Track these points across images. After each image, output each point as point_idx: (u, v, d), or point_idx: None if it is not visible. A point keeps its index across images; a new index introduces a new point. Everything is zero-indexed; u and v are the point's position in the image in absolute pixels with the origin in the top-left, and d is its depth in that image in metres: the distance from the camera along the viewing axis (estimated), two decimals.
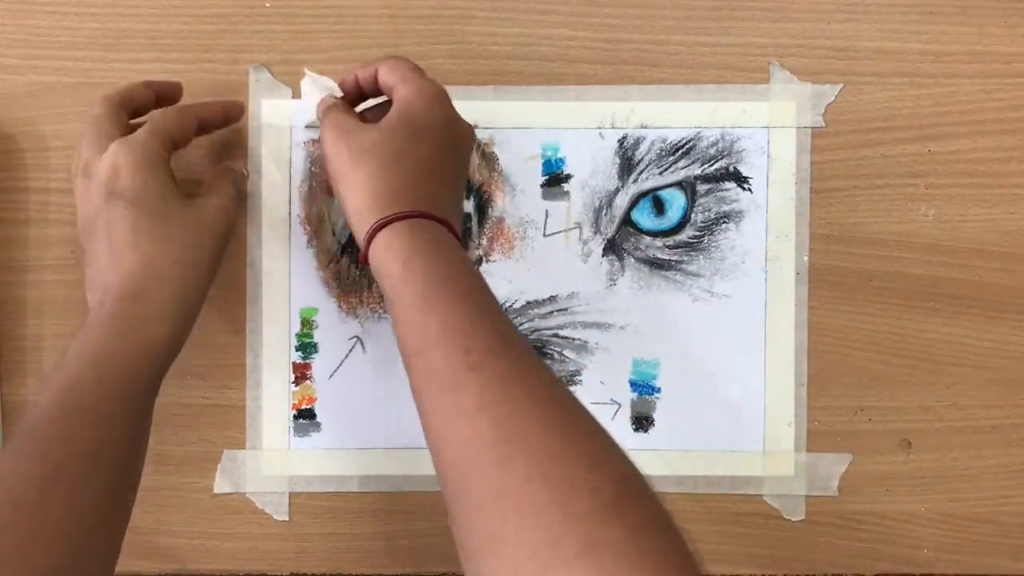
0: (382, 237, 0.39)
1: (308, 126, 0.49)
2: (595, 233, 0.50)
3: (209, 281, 0.44)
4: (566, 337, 0.50)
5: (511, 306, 0.50)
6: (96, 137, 0.43)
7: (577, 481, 0.31)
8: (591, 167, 0.50)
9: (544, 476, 0.31)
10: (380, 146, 0.41)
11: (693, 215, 0.50)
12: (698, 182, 0.50)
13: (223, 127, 0.48)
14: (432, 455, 0.36)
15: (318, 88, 0.47)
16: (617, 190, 0.50)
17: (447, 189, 0.43)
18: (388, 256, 0.39)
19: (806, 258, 0.50)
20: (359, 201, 0.41)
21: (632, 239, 0.50)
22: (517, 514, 0.31)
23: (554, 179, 0.50)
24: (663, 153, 0.50)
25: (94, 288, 0.42)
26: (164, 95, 0.47)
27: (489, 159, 0.50)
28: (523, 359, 0.36)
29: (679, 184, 0.50)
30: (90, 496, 0.37)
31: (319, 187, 0.50)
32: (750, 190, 0.49)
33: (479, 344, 0.36)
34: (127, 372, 0.40)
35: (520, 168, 0.50)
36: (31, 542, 0.35)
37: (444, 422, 0.35)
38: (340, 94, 0.46)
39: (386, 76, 0.44)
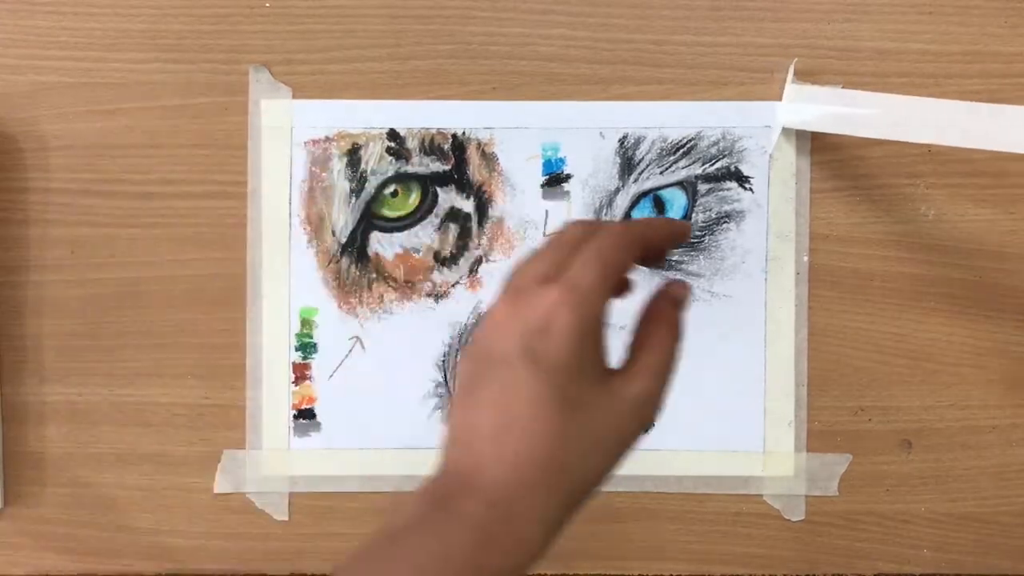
0: None
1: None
2: None
3: (588, 499, 0.32)
4: None
5: None
6: (604, 259, 0.32)
7: None
8: (591, 167, 0.50)
9: None
10: None
11: (694, 215, 0.50)
12: (699, 182, 0.50)
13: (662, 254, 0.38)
14: None
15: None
16: (618, 190, 0.50)
17: None
18: None
19: (806, 258, 0.50)
20: None
21: None
22: None
23: (554, 179, 0.50)
24: (664, 153, 0.50)
25: (461, 443, 0.32)
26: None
27: (489, 159, 0.50)
28: None
29: (680, 184, 0.50)
30: None
31: (319, 187, 0.50)
32: (751, 190, 0.49)
33: None
34: None
35: (520, 168, 0.50)
36: None
37: None
38: None
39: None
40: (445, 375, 0.50)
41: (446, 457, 0.32)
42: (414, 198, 0.50)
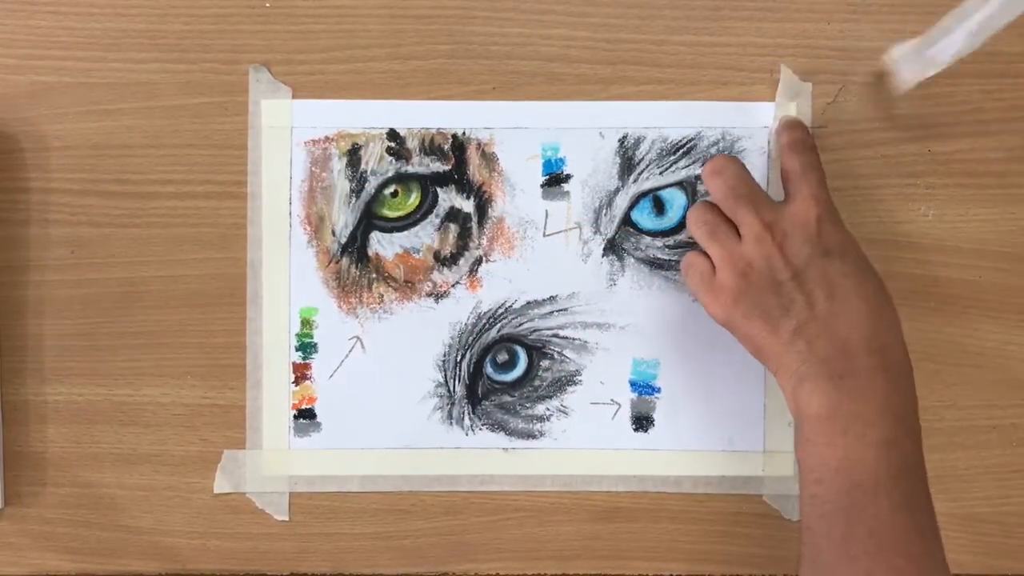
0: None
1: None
2: (595, 233, 0.50)
3: None
4: (566, 337, 0.50)
5: (511, 306, 0.50)
6: (758, 197, 0.44)
7: None
8: (591, 167, 0.50)
9: None
10: None
11: None
12: (699, 182, 0.50)
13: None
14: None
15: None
16: (617, 190, 0.50)
17: None
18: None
19: None
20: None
21: (632, 239, 0.50)
22: None
23: (554, 179, 0.50)
24: (663, 153, 0.50)
25: (818, 337, 0.41)
26: None
27: (489, 159, 0.50)
28: None
29: (680, 184, 0.50)
30: None
31: (319, 187, 0.50)
32: None
33: None
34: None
35: (520, 168, 0.50)
36: None
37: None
38: None
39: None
40: (445, 375, 0.50)
41: (805, 354, 0.41)
42: (414, 198, 0.50)
